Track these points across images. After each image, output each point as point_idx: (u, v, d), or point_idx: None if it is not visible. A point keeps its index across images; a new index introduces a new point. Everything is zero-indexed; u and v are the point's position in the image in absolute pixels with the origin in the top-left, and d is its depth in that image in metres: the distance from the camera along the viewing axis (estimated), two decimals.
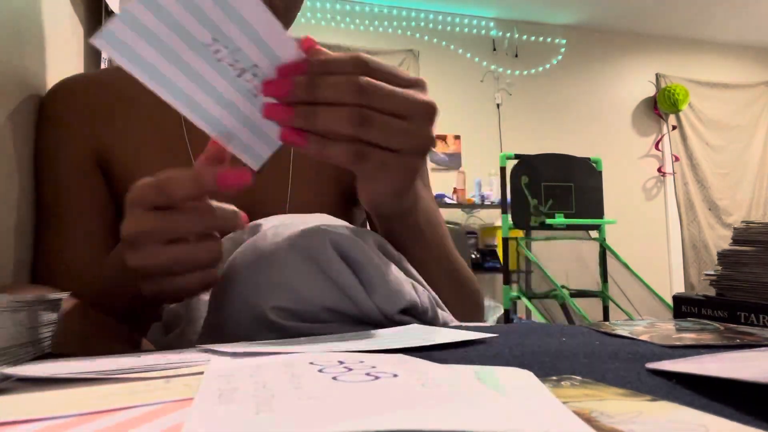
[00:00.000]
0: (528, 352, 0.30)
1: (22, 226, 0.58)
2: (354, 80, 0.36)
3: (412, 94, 0.38)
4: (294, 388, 0.18)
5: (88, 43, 0.85)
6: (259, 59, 0.35)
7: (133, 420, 0.16)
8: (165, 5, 0.31)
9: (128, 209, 0.38)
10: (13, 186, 0.56)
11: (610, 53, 4.74)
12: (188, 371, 0.23)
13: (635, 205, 4.66)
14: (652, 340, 0.34)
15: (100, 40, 0.31)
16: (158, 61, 0.33)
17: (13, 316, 0.28)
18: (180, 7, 0.32)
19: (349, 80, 0.36)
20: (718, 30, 4.80)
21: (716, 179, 4.86)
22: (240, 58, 0.35)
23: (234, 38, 0.34)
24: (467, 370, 0.22)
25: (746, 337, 0.35)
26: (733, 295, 0.50)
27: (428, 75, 4.22)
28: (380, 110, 0.37)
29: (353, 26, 4.14)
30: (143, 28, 0.31)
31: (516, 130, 4.39)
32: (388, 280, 0.38)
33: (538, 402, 0.18)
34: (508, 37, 4.49)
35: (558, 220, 2.82)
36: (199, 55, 0.34)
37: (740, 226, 0.51)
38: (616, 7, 4.34)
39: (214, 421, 0.15)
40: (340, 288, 0.37)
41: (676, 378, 0.23)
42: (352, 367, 0.22)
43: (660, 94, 4.67)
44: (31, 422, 0.16)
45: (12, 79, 0.56)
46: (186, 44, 0.33)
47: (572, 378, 0.23)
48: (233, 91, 0.36)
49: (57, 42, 0.70)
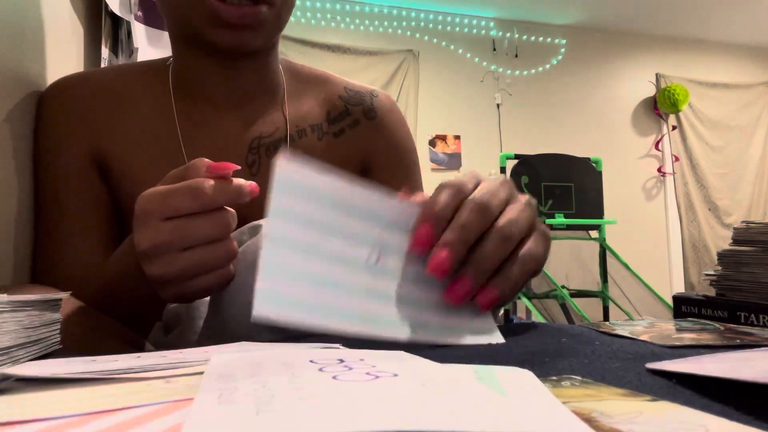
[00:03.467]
0: (528, 352, 0.30)
1: (22, 226, 0.58)
2: (500, 242, 0.35)
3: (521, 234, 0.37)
4: (294, 388, 0.18)
5: (88, 42, 0.86)
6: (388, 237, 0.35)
7: (133, 420, 0.16)
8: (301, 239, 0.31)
9: (139, 221, 0.38)
10: (13, 185, 0.56)
11: (610, 53, 4.74)
12: (188, 371, 0.23)
13: (635, 205, 4.65)
14: (652, 340, 0.34)
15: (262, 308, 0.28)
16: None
17: (14, 316, 0.28)
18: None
19: (499, 242, 0.35)
20: (718, 30, 4.79)
21: (716, 179, 4.86)
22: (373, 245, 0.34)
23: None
24: (467, 370, 0.22)
25: (746, 337, 0.35)
26: (733, 295, 0.50)
27: (428, 75, 4.22)
28: None
29: (353, 26, 4.13)
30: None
31: (516, 130, 4.39)
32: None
33: (538, 402, 0.18)
34: (508, 37, 4.49)
35: (558, 220, 2.82)
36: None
37: (740, 226, 0.51)
38: (616, 7, 4.34)
39: (214, 421, 0.15)
40: None
41: (676, 378, 0.23)
42: (352, 366, 0.22)
43: (660, 94, 4.67)
44: (31, 422, 0.16)
45: (12, 78, 0.56)
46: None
47: (572, 378, 0.23)
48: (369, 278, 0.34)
49: (57, 42, 0.70)
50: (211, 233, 0.38)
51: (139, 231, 0.38)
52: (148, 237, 0.37)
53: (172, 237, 0.37)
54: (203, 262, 0.38)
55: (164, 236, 0.37)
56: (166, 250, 0.37)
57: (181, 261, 0.37)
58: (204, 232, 0.38)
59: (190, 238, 0.37)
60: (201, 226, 0.37)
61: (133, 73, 0.64)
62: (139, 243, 0.38)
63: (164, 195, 0.37)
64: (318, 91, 0.69)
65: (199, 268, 0.38)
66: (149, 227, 0.37)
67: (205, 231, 0.38)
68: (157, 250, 0.37)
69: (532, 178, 2.86)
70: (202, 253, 0.38)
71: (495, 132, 4.38)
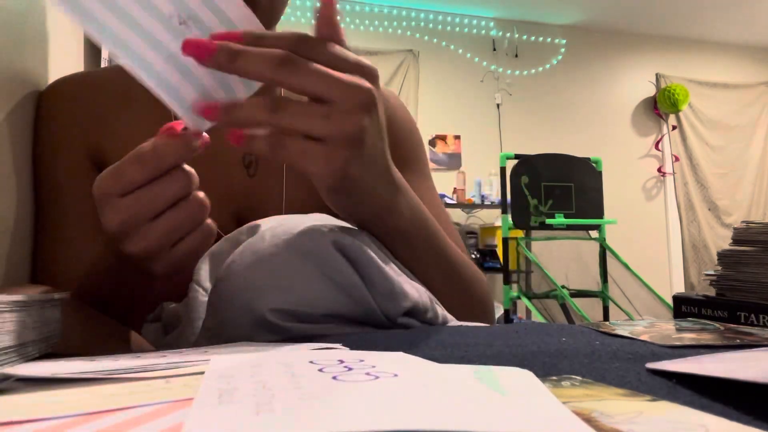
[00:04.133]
0: (528, 352, 0.30)
1: (22, 226, 0.58)
2: (274, 54, 0.33)
3: (342, 77, 0.34)
4: (294, 388, 0.18)
5: (88, 42, 0.85)
6: (203, 12, 0.34)
7: (133, 420, 0.16)
8: None
9: (101, 204, 0.38)
10: (12, 185, 0.56)
11: (610, 53, 4.74)
12: (188, 371, 0.23)
13: (635, 205, 4.66)
14: (652, 340, 0.34)
15: None
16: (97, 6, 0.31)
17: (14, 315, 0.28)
18: None
19: (270, 53, 0.33)
20: (718, 30, 4.79)
21: (716, 179, 4.86)
22: (183, 5, 0.33)
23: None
24: (467, 370, 0.22)
25: (746, 337, 0.35)
26: (733, 295, 0.50)
27: (428, 75, 4.22)
28: (300, 91, 0.34)
29: (353, 26, 4.13)
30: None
31: (516, 130, 4.39)
32: (392, 282, 0.38)
33: (538, 402, 0.18)
34: (508, 37, 4.49)
35: (558, 220, 2.82)
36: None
37: (740, 226, 0.51)
38: (616, 7, 4.34)
39: (214, 421, 0.15)
40: (342, 289, 0.37)
41: (676, 378, 0.23)
42: (352, 366, 0.22)
43: (660, 94, 4.67)
44: (31, 422, 0.16)
45: (12, 78, 0.56)
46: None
47: (572, 378, 0.23)
48: (170, 38, 0.33)
49: (57, 41, 0.70)
50: (173, 193, 0.37)
51: (103, 215, 0.38)
52: (113, 217, 0.37)
53: (136, 209, 0.37)
54: (177, 224, 0.38)
55: (128, 211, 0.37)
56: (134, 224, 0.37)
57: (155, 229, 0.37)
58: (165, 195, 0.37)
59: (154, 204, 0.37)
60: (160, 189, 0.37)
61: None
62: (108, 226, 0.37)
63: (114, 172, 0.37)
64: None
65: (176, 231, 0.38)
66: (111, 207, 0.37)
67: (165, 193, 0.37)
68: (127, 227, 0.37)
69: (532, 178, 2.86)
70: (173, 215, 0.37)
71: (495, 132, 4.38)
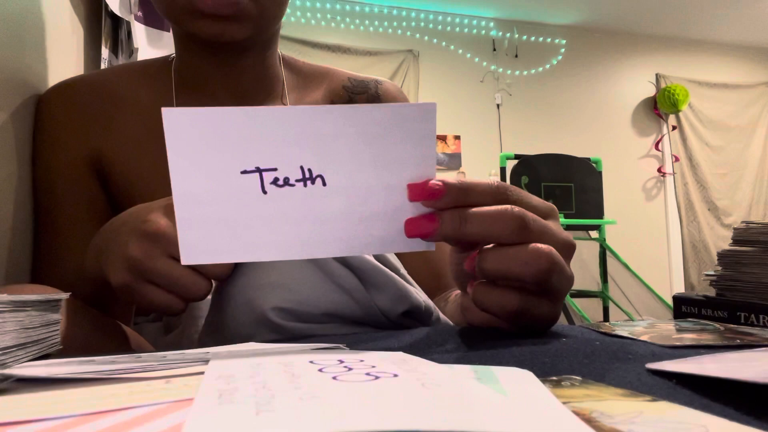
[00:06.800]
0: (528, 352, 0.30)
1: (22, 227, 0.58)
2: (515, 216, 0.32)
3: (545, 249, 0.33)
4: (294, 388, 0.18)
5: (88, 42, 0.85)
6: None
7: (133, 420, 0.16)
8: None
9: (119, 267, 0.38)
10: (13, 187, 0.56)
11: (610, 53, 4.74)
12: (188, 371, 0.23)
13: (635, 205, 4.66)
14: (652, 341, 0.34)
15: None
16: None
17: (14, 316, 0.28)
18: None
19: (509, 215, 0.32)
20: (718, 30, 4.80)
21: (716, 179, 4.86)
22: None
23: None
24: (467, 370, 0.22)
25: (746, 338, 0.35)
26: (733, 296, 0.50)
27: (428, 75, 4.22)
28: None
29: (353, 26, 4.14)
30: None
31: (516, 130, 4.39)
32: (392, 282, 0.38)
33: (538, 402, 0.18)
34: (508, 37, 4.49)
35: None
36: None
37: (740, 227, 0.51)
38: (616, 7, 4.34)
39: (214, 421, 0.15)
40: (343, 289, 0.37)
41: (676, 378, 0.23)
42: (352, 366, 0.22)
43: (660, 94, 4.67)
44: (31, 422, 0.16)
45: (12, 79, 0.56)
46: None
47: (572, 378, 0.23)
48: None
49: (57, 42, 0.70)
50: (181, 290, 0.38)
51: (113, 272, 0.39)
52: (121, 276, 0.38)
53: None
54: (167, 299, 0.38)
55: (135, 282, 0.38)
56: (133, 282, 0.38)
57: (145, 288, 0.38)
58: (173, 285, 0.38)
59: (158, 280, 0.38)
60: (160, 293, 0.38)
61: (135, 72, 0.64)
62: (112, 280, 0.39)
63: (148, 269, 0.37)
64: (320, 83, 0.69)
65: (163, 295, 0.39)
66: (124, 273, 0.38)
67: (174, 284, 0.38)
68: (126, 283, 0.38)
69: (532, 178, 2.86)
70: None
71: (495, 132, 4.38)
